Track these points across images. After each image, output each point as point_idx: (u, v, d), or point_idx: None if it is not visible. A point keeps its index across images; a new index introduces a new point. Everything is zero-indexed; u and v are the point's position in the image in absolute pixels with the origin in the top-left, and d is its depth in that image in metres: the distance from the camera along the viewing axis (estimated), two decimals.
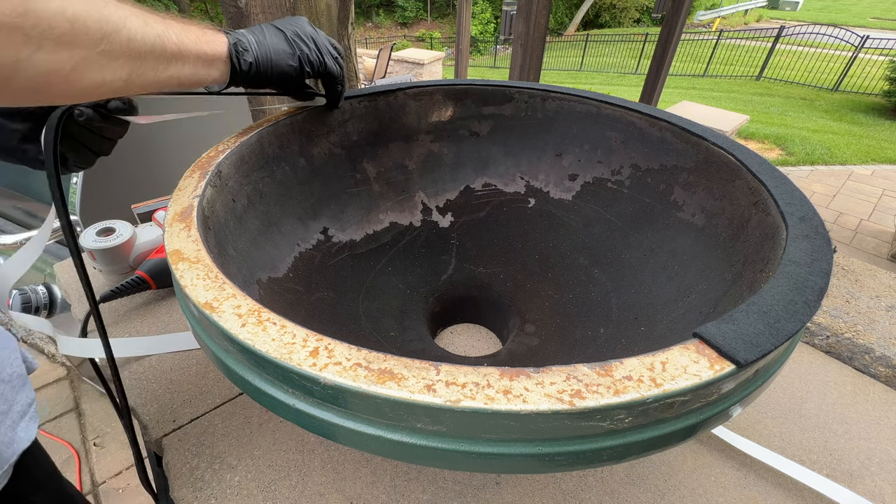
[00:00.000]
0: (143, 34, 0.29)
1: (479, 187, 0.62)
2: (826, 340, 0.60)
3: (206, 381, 0.52)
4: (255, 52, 0.41)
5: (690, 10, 2.80)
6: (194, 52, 0.35)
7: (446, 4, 15.19)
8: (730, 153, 0.43)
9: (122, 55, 0.28)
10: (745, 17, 15.05)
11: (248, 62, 0.40)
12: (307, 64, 0.44)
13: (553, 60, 10.41)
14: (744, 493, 0.43)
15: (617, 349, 0.42)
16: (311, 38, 0.45)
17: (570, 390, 0.21)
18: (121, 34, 0.27)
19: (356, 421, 0.23)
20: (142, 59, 0.30)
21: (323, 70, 0.46)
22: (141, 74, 0.30)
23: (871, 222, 3.00)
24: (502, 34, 6.40)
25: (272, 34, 0.43)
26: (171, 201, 0.36)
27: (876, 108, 5.89)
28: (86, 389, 1.50)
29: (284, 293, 0.44)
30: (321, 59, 0.45)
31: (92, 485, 1.24)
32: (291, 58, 0.43)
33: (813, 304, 0.26)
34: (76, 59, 0.25)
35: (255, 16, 0.77)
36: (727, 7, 14.74)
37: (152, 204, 0.76)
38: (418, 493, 0.42)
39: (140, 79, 0.30)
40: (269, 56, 0.42)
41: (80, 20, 0.24)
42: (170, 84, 0.33)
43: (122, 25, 0.27)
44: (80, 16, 0.24)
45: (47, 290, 0.99)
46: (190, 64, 0.35)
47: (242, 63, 0.40)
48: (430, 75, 5.01)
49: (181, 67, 0.34)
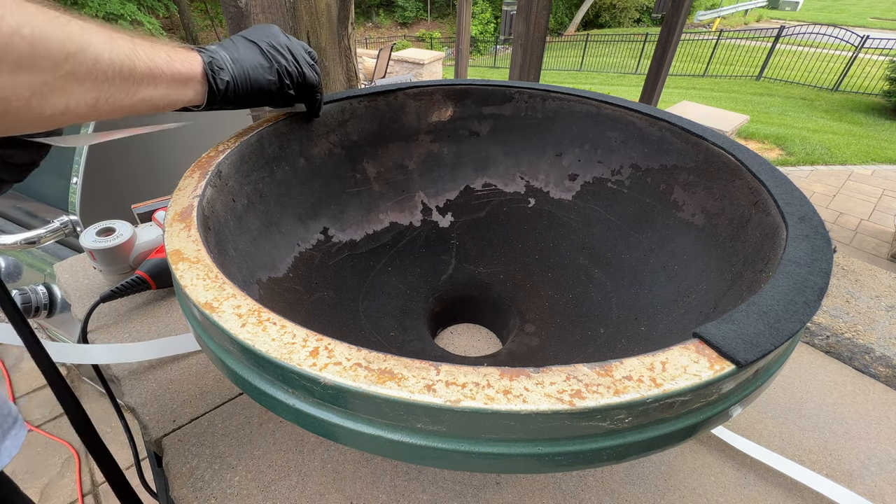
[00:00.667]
0: (111, 54, 0.27)
1: (479, 187, 0.62)
2: (826, 340, 0.60)
3: (206, 381, 0.52)
4: (231, 70, 0.38)
5: (690, 10, 2.80)
6: (167, 72, 0.32)
7: (446, 4, 15.19)
8: (730, 153, 0.43)
9: (88, 77, 0.26)
10: (745, 17, 15.05)
11: (225, 81, 0.38)
12: (286, 76, 0.42)
13: (553, 60, 10.41)
14: (744, 493, 0.43)
15: (617, 349, 0.42)
16: (286, 48, 0.42)
17: (570, 390, 0.21)
18: (86, 54, 0.25)
19: (356, 421, 0.23)
20: (110, 81, 0.27)
21: (301, 80, 0.44)
22: (109, 98, 0.28)
23: (871, 222, 3.00)
24: (502, 34, 6.40)
25: (246, 48, 0.41)
26: (171, 201, 0.36)
27: (876, 108, 5.89)
28: (86, 389, 1.50)
29: (284, 293, 0.44)
30: (299, 70, 0.43)
31: (92, 485, 1.24)
32: (269, 72, 0.41)
33: (813, 304, 0.26)
34: (37, 83, 0.23)
35: (255, 16, 0.77)
36: (727, 7, 14.73)
37: (152, 204, 0.76)
38: (418, 493, 0.42)
39: (109, 103, 0.28)
40: (245, 73, 0.39)
41: (41, 39, 0.22)
42: (142, 108, 0.31)
43: (87, 44, 0.25)
44: (39, 34, 0.22)
45: (47, 290, 0.99)
46: (163, 85, 0.32)
47: (219, 82, 0.37)
48: (430, 75, 5.01)
49: (153, 89, 0.31)
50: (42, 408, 1.45)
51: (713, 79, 8.10)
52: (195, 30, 11.27)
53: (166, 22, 11.38)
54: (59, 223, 0.97)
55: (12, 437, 0.52)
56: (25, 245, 0.94)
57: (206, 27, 12.00)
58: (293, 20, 0.77)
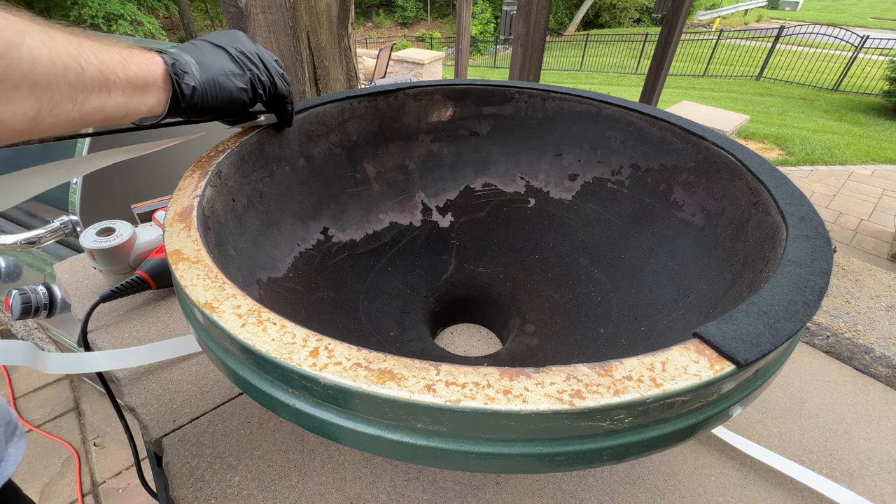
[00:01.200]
0: (51, 54, 0.22)
1: (479, 187, 0.62)
2: (826, 340, 0.60)
3: (206, 381, 0.52)
4: (197, 75, 0.34)
5: (690, 10, 2.80)
6: (122, 76, 0.28)
7: (446, 4, 15.19)
8: (730, 153, 0.43)
9: (25, 83, 0.21)
10: (745, 17, 15.05)
11: (191, 86, 0.33)
12: (259, 85, 0.38)
13: (553, 60, 10.41)
14: (744, 493, 0.43)
15: (617, 349, 0.42)
16: (257, 56, 0.39)
17: (570, 390, 0.21)
18: (20, 53, 0.21)
19: (356, 421, 0.23)
20: (53, 87, 0.23)
21: (273, 91, 0.40)
22: (54, 108, 0.23)
23: (871, 222, 3.00)
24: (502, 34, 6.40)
25: (213, 52, 0.36)
26: (171, 201, 0.36)
27: (876, 108, 5.89)
28: (86, 389, 1.50)
29: (284, 293, 0.44)
30: (271, 80, 0.39)
31: (92, 485, 1.24)
32: (241, 79, 0.37)
33: (813, 304, 0.26)
34: None
35: (255, 16, 0.77)
36: (727, 7, 14.73)
37: (152, 204, 0.76)
38: (418, 493, 0.42)
39: (53, 114, 0.23)
40: (214, 79, 0.35)
41: None
42: (93, 119, 0.27)
43: (19, 42, 0.21)
44: None
45: (47, 290, 0.99)
46: (118, 92, 0.28)
47: (184, 87, 0.33)
48: (430, 75, 5.01)
49: (106, 97, 0.27)
50: (42, 408, 1.45)
51: (713, 79, 8.10)
52: (195, 30, 11.28)
53: (166, 22, 11.38)
54: (59, 223, 0.97)
55: (14, 444, 0.52)
56: (25, 245, 0.94)
57: (205, 27, 12.00)
58: (293, 20, 0.77)
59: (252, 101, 0.39)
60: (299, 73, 0.82)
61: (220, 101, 0.36)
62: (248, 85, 0.37)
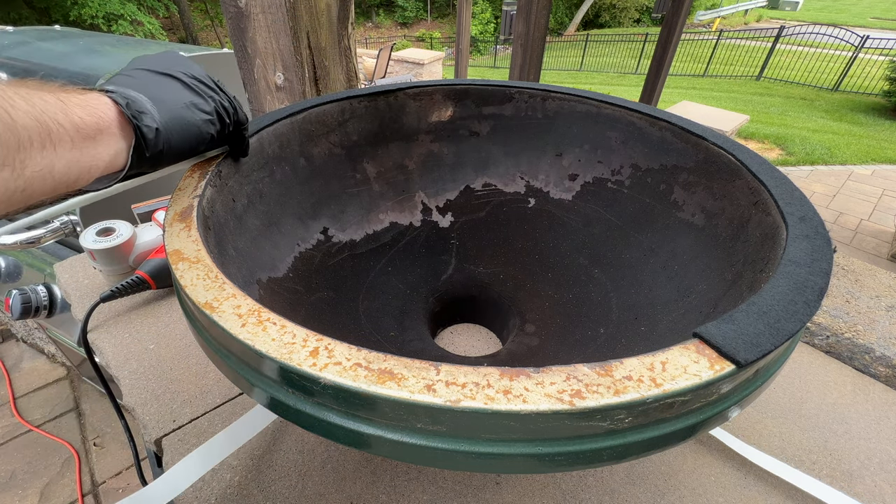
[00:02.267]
0: None
1: (479, 187, 0.62)
2: (826, 340, 0.60)
3: (206, 381, 0.52)
4: (154, 113, 0.27)
5: (690, 10, 2.80)
6: (65, 122, 0.21)
7: (446, 4, 15.19)
8: (730, 153, 0.43)
9: None
10: (745, 17, 15.05)
11: (153, 128, 0.27)
12: (224, 114, 0.33)
13: (553, 60, 10.41)
14: (744, 493, 0.43)
15: (617, 349, 0.42)
16: (210, 80, 0.33)
17: (570, 390, 0.21)
18: None
19: (356, 421, 0.23)
20: None
21: (235, 118, 0.35)
22: None
23: (871, 222, 3.00)
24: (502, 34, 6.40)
25: (161, 83, 0.29)
26: (170, 201, 0.36)
27: (876, 108, 5.90)
28: (86, 389, 1.50)
29: (284, 293, 0.44)
30: (233, 106, 0.34)
31: (92, 485, 1.24)
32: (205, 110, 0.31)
33: (813, 304, 0.26)
34: None
35: (255, 16, 0.77)
36: (727, 7, 14.73)
37: (152, 204, 0.76)
38: (418, 493, 0.42)
39: None
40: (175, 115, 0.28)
41: None
42: (41, 188, 0.20)
43: None
44: None
45: (47, 290, 0.99)
46: (65, 145, 0.21)
47: (145, 131, 0.26)
48: (430, 75, 5.01)
49: (52, 153, 0.20)
50: (42, 408, 1.45)
51: (713, 79, 8.10)
52: (195, 30, 11.28)
53: (166, 22, 11.39)
54: (59, 223, 0.97)
55: None
56: (25, 245, 0.94)
57: (206, 27, 12.01)
58: (293, 20, 0.77)
59: (220, 133, 0.33)
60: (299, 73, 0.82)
61: (188, 140, 0.30)
62: (214, 115, 0.32)
